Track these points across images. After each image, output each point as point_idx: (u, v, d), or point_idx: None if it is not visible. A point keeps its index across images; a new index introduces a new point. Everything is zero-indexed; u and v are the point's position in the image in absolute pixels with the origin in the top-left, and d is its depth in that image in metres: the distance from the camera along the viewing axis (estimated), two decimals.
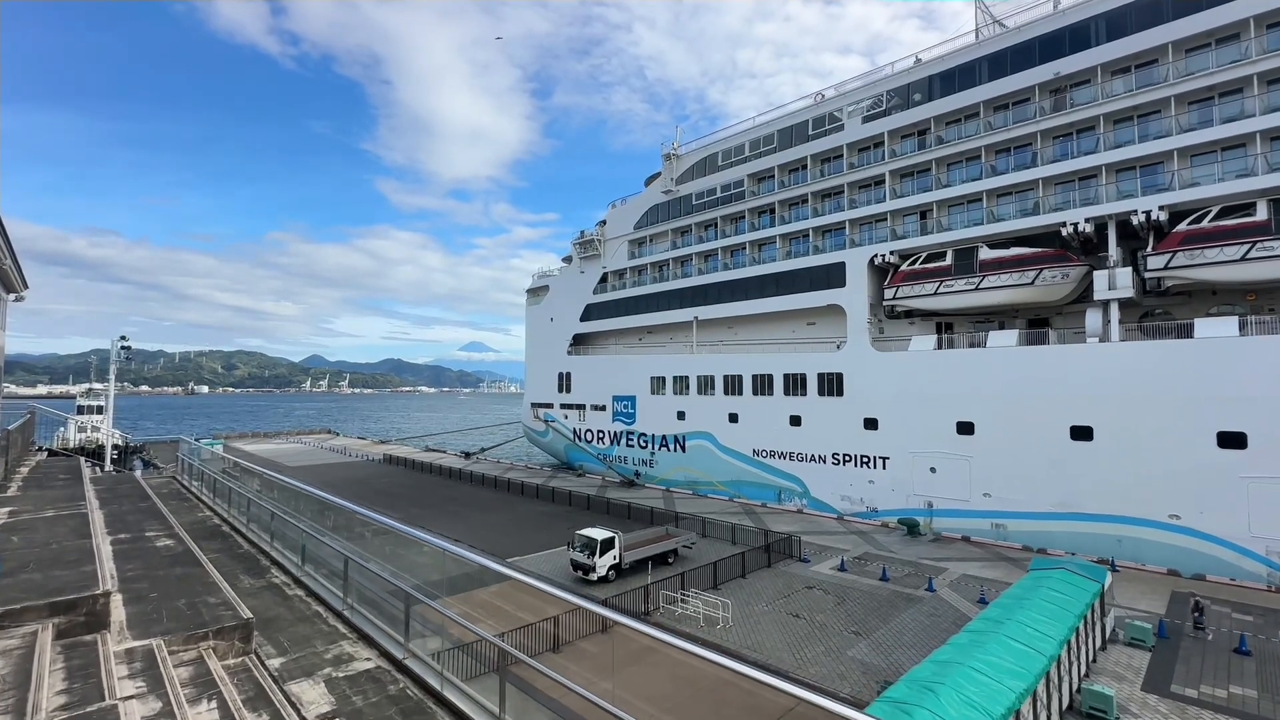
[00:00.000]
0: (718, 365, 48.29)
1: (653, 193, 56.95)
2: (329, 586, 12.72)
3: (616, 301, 58.10)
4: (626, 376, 55.42)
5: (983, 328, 37.52)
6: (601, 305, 59.62)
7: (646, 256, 56.92)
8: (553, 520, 37.34)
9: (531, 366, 67.72)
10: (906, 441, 37.15)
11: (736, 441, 46.44)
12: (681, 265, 54.36)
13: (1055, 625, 16.65)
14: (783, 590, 25.36)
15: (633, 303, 56.42)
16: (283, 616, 11.67)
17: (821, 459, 41.31)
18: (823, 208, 44.84)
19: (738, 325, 49.96)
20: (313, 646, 10.53)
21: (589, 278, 61.57)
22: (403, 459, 62.88)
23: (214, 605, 9.77)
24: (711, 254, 51.84)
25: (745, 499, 44.55)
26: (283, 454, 69.77)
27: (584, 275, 62.06)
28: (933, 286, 37.29)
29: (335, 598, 12.16)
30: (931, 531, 34.98)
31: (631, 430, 54.77)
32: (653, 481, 51.94)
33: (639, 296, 55.91)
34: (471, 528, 35.25)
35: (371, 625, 10.98)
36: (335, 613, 11.78)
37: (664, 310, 53.57)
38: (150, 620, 9.31)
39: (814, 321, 45.04)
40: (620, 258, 59.20)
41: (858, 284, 40.73)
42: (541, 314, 66.24)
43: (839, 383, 40.64)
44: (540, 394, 65.02)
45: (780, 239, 46.82)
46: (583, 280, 61.98)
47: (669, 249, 55.03)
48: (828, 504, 40.84)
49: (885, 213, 40.85)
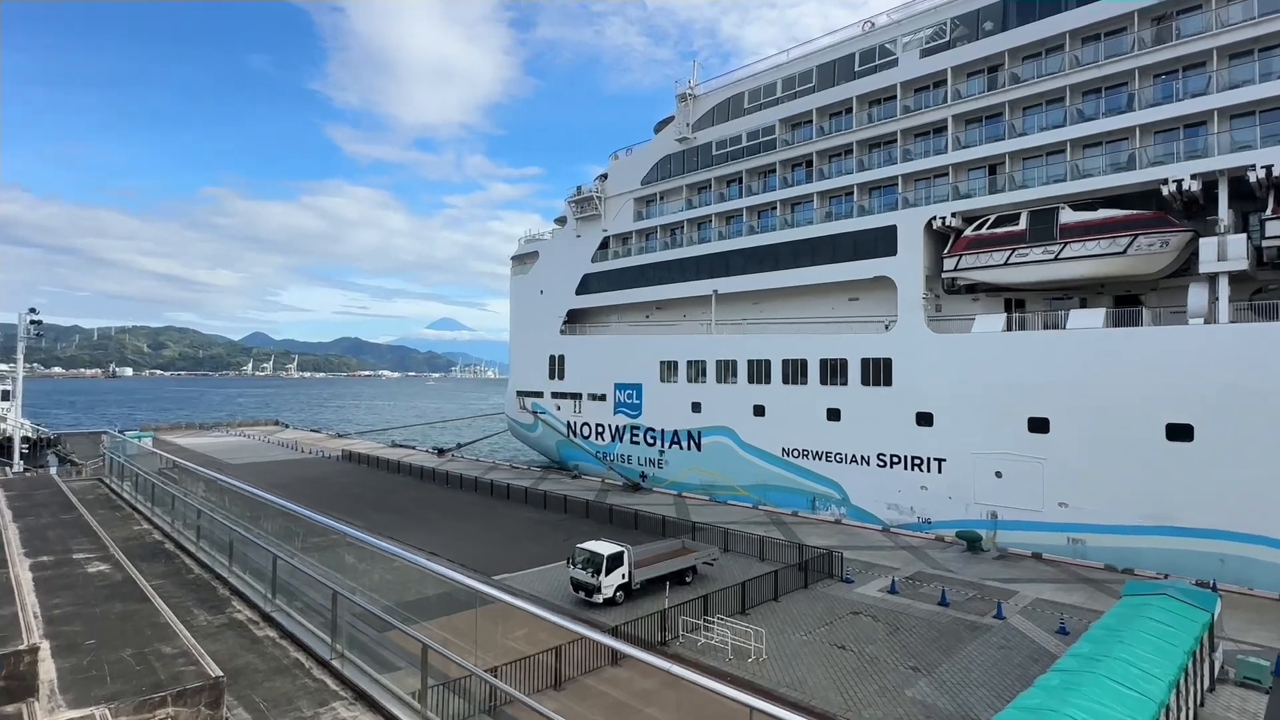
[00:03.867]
0: (741, 348, 48.27)
1: (664, 141, 56.51)
2: (309, 626, 12.22)
3: (620, 271, 57.96)
4: (631, 360, 55.46)
5: (1061, 305, 37.23)
6: (602, 275, 59.50)
7: (656, 217, 56.73)
8: (546, 530, 37.32)
9: (517, 348, 67.74)
10: (967, 440, 37.13)
11: (762, 439, 46.48)
12: (698, 228, 54.18)
13: (1162, 663, 16.28)
14: (824, 616, 25.22)
15: (639, 273, 56.33)
16: (254, 667, 11.04)
17: (864, 460, 41.37)
18: (870, 160, 44.39)
19: (765, 300, 49.80)
20: (298, 710, 9.84)
21: (586, 243, 61.31)
22: (365, 456, 63.14)
23: (170, 657, 9.12)
24: (735, 215, 51.61)
25: (772, 506, 44.71)
26: (223, 449, 69.72)
27: (580, 240, 61.85)
28: (1002, 255, 36.92)
29: (319, 642, 11.64)
30: (996, 547, 34.80)
31: (637, 424, 54.93)
32: (661, 485, 52.15)
33: (647, 265, 55.81)
34: (449, 538, 35.26)
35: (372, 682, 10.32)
36: (320, 662, 11.20)
37: (677, 282, 53.52)
38: (90, 680, 8.58)
39: (858, 297, 44.87)
40: (625, 219, 58.93)
41: (911, 252, 40.42)
42: (529, 285, 66.14)
43: (887, 370, 40.49)
44: (527, 381, 65.04)
45: (818, 197, 46.51)
46: (579, 245, 61.75)
47: (683, 208, 54.84)
48: (871, 513, 40.91)
49: (946, 166, 40.43)
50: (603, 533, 35.28)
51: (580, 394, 59.89)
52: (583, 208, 61.74)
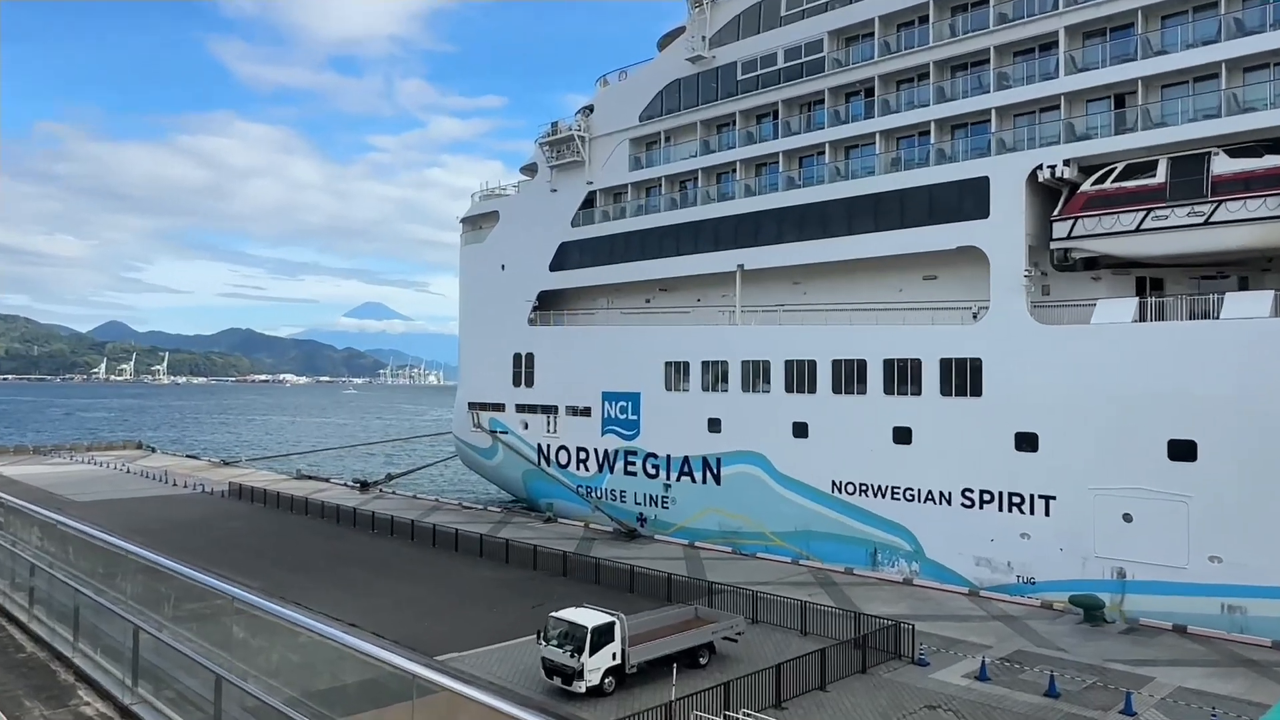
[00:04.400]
0: (776, 344, 48.20)
1: (671, 61, 56.59)
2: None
3: (610, 239, 57.82)
4: (626, 361, 55.35)
5: (1213, 287, 37.25)
6: (586, 245, 59.38)
7: (660, 165, 56.44)
8: (508, 593, 37.20)
9: (469, 344, 67.48)
10: (1084, 471, 37.10)
11: (804, 468, 46.53)
12: (717, 180, 53.83)
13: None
14: (889, 712, 25.17)
15: (637, 241, 56.16)
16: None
17: (944, 498, 41.46)
18: (954, 87, 44.18)
19: (809, 279, 49.64)
20: None
21: (565, 199, 61.21)
22: (261, 491, 63.21)
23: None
24: (768, 161, 51.30)
25: (818, 560, 44.70)
26: (66, 482, 69.48)
27: (557, 196, 61.79)
28: (1133, 218, 36.91)
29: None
30: (1124, 617, 34.85)
31: (633, 448, 54.80)
32: (667, 532, 52.06)
33: (647, 232, 55.68)
34: (377, 604, 35.19)
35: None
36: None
37: (689, 254, 53.38)
38: None
39: (935, 275, 44.88)
40: (617, 167, 58.75)
41: (1009, 213, 40.42)
42: (486, 258, 66.14)
43: (975, 374, 40.57)
44: (483, 388, 64.92)
45: (882, 138, 46.36)
46: (554, 204, 61.70)
47: (697, 153, 54.62)
48: (953, 571, 40.99)
49: (1057, 95, 40.36)
50: (587, 596, 34.57)
51: (556, 407, 59.68)
52: (560, 152, 61.45)
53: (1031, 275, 40.14)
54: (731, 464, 49.85)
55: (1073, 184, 39.37)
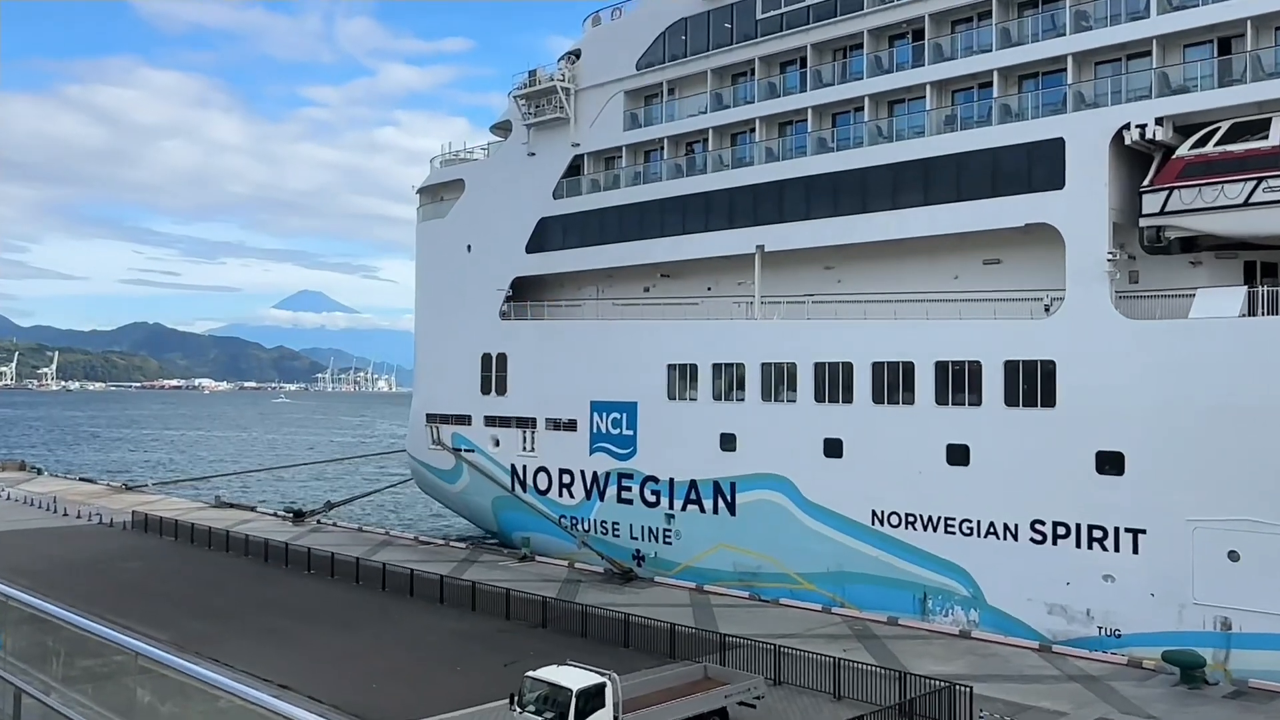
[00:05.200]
0: (803, 343, 48.14)
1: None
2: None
3: (601, 214, 57.71)
4: (619, 364, 55.26)
5: None
6: (571, 221, 59.24)
7: (662, 124, 56.30)
8: (475, 648, 37.02)
9: (427, 341, 67.45)
10: (1181, 499, 37.00)
11: (838, 495, 46.46)
12: (732, 141, 53.59)
13: None
14: None
15: (633, 216, 56.00)
16: None
17: (1009, 532, 41.42)
18: (1021, 29, 44.05)
19: (844, 263, 49.67)
20: None
21: (545, 165, 61.16)
22: (172, 523, 63.10)
23: None
24: (793, 119, 51.09)
25: (854, 608, 44.80)
26: None
27: (535, 161, 61.77)
28: (1241, 189, 36.67)
29: None
30: (1229, 677, 34.37)
31: (628, 470, 54.73)
32: (670, 572, 52.02)
33: (646, 204, 55.53)
34: (315, 662, 35.11)
35: None
36: None
37: (695, 232, 53.27)
38: None
39: (998, 258, 44.95)
40: (609, 126, 58.63)
41: (1089, 183, 40.38)
42: (448, 237, 66.20)
43: (1047, 380, 40.56)
44: (444, 397, 64.97)
45: (934, 90, 46.29)
46: (533, 170, 61.68)
47: (707, 109, 54.52)
48: (1020, 620, 40.98)
49: (1148, 39, 40.27)
50: (571, 653, 33.69)
51: (533, 420, 59.61)
52: (539, 107, 61.31)
53: (1116, 259, 39.98)
54: (748, 490, 49.60)
55: (1167, 148, 39.27)
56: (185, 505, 77.32)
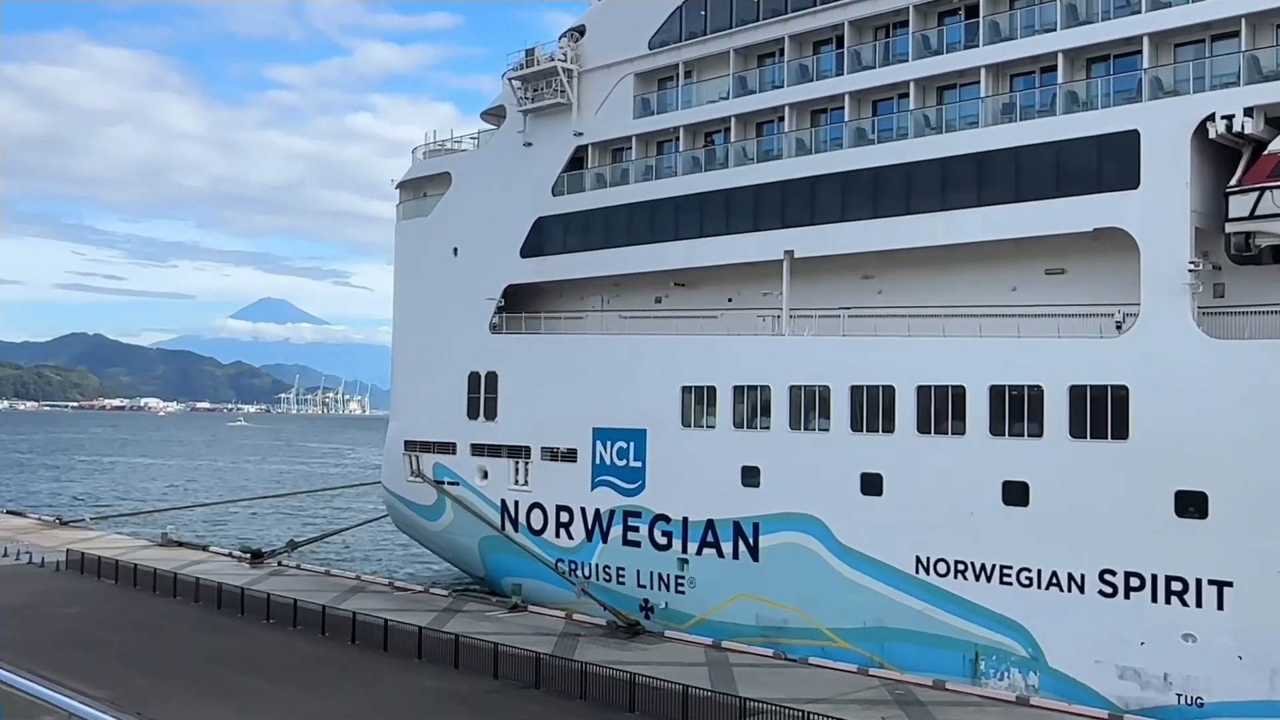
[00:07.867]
0: (837, 363, 47.33)
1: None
2: None
3: (606, 214, 57.13)
4: (627, 385, 54.78)
5: None
6: (573, 221, 58.76)
7: (677, 111, 56.16)
8: (459, 711, 37.05)
9: (406, 357, 68.06)
10: (1273, 546, 35.83)
11: (877, 538, 45.43)
12: (758, 131, 53.49)
13: None
14: None
15: (643, 216, 55.51)
16: None
17: (1075, 583, 40.25)
18: (1089, 7, 43.26)
19: (884, 273, 48.99)
20: None
21: (543, 157, 60.70)
22: (111, 563, 62.58)
23: None
24: (828, 107, 50.79)
25: (895, 670, 43.58)
26: None
27: (532, 152, 61.29)
28: None
29: None
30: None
31: (636, 508, 54.02)
32: (682, 626, 51.24)
33: (659, 203, 55.08)
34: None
35: None
36: None
37: (715, 235, 52.68)
38: None
39: (1062, 267, 44.06)
40: (617, 113, 58.15)
41: (1168, 182, 39.21)
42: (432, 239, 66.12)
43: (1119, 408, 39.40)
44: (426, 422, 65.04)
45: (988, 75, 45.37)
46: (529, 163, 61.23)
47: (729, 94, 54.11)
48: (1086, 685, 39.75)
49: (1236, 17, 39.14)
50: (569, 717, 36.01)
51: (527, 448, 58.84)
52: (537, 91, 60.54)
53: (1199, 269, 38.65)
54: (774, 531, 48.47)
55: (1258, 142, 38.19)
56: (127, 543, 76.95)
